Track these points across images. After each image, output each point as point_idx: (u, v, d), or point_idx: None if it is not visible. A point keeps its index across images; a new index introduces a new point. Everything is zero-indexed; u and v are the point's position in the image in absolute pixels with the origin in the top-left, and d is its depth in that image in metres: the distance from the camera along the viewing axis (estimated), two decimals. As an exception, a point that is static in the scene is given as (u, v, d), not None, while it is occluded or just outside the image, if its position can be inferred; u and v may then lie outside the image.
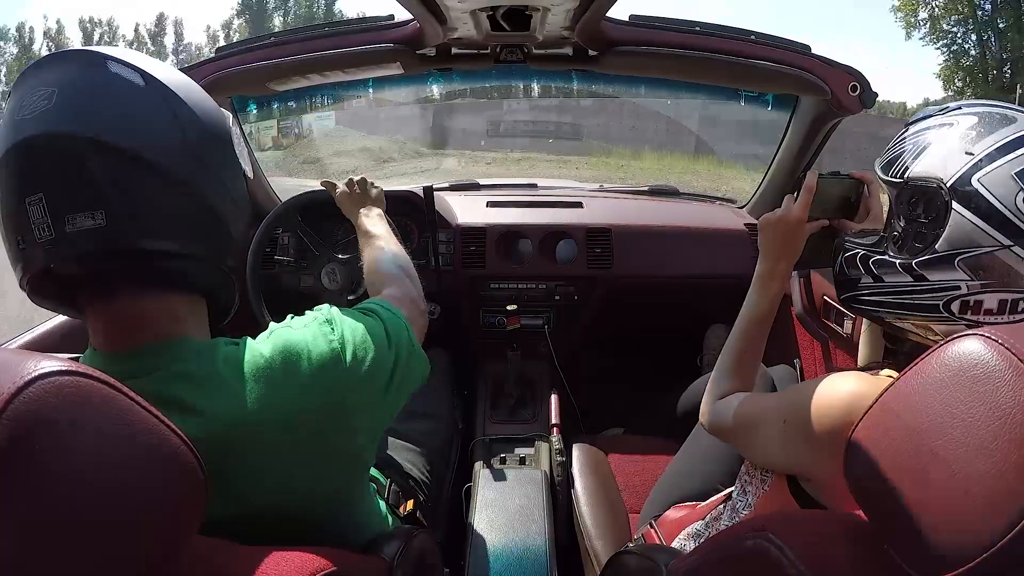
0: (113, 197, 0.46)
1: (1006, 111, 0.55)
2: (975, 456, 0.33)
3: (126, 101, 0.49)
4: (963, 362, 0.35)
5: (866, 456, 0.41)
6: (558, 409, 1.35)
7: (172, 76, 0.53)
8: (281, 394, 0.51)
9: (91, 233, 0.46)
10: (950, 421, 0.35)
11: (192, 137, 0.52)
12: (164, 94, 0.51)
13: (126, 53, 0.53)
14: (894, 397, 0.40)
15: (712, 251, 1.47)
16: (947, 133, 0.56)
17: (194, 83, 0.56)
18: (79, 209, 0.46)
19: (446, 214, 1.47)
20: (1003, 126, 0.53)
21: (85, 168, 0.46)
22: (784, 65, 1.09)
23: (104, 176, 0.46)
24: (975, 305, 0.53)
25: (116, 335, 0.51)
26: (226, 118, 0.58)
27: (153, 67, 0.52)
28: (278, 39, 1.15)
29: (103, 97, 0.48)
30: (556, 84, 2.41)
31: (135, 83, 0.50)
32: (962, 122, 0.56)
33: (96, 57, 0.50)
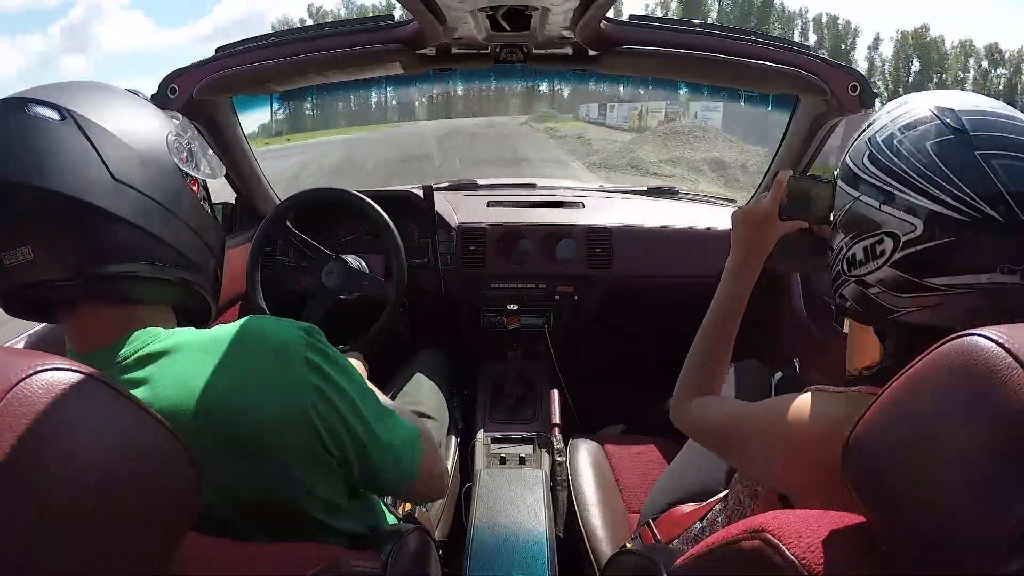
0: (37, 233, 0.51)
1: (906, 98, 0.59)
2: (977, 456, 0.33)
3: (44, 142, 0.52)
4: (963, 360, 0.35)
5: (865, 456, 0.41)
6: (558, 409, 1.35)
7: (94, 105, 0.55)
8: (234, 368, 0.53)
9: (23, 267, 0.51)
10: (951, 420, 0.35)
11: (118, 165, 0.54)
12: (82, 126, 0.53)
13: (54, 88, 0.56)
14: (893, 396, 0.40)
15: (712, 251, 1.47)
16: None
17: (127, 102, 0.59)
18: (9, 247, 0.51)
19: (446, 214, 1.47)
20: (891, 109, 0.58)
21: (11, 210, 0.51)
22: (784, 65, 1.09)
23: (29, 215, 0.51)
24: (851, 258, 0.58)
25: (86, 337, 0.56)
26: (164, 131, 0.60)
27: (74, 99, 0.55)
28: (278, 39, 1.15)
29: (22, 142, 0.51)
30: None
31: (52, 121, 0.53)
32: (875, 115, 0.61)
33: (17, 102, 0.53)
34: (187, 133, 0.64)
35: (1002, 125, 0.51)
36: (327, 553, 0.49)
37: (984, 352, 0.34)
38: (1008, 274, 0.48)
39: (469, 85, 1.75)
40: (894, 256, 0.54)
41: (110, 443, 0.35)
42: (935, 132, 0.53)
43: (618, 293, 1.48)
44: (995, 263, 0.49)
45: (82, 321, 0.56)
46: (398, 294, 1.21)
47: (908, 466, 0.37)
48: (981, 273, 0.49)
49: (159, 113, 0.62)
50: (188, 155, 0.62)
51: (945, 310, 0.52)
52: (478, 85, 2.08)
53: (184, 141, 0.62)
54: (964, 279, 0.50)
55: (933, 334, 0.49)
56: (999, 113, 0.52)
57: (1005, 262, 0.48)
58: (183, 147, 0.61)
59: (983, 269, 0.49)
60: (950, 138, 0.52)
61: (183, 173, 0.60)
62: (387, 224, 1.21)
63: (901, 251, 0.54)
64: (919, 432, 0.37)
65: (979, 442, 0.33)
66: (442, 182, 1.79)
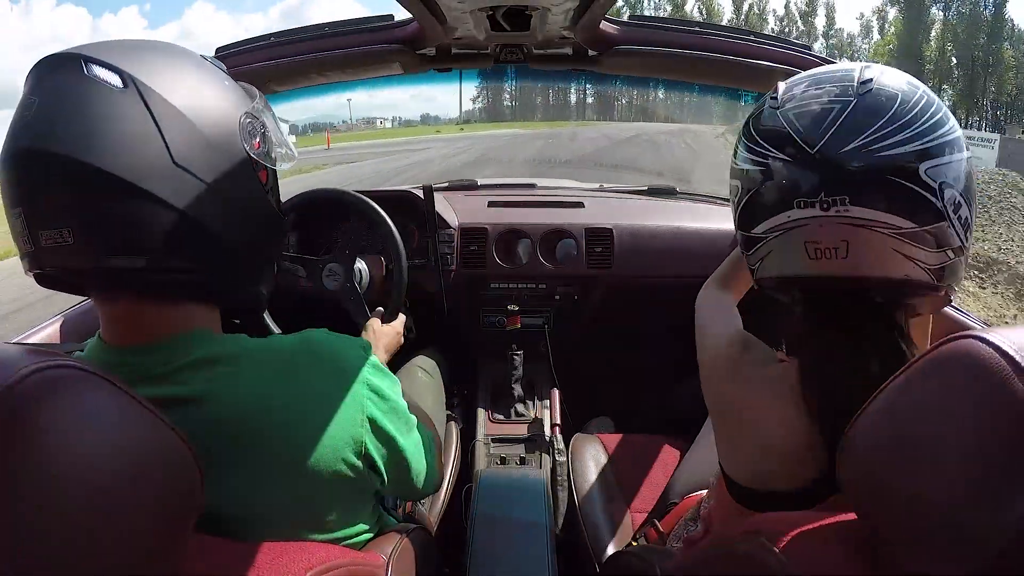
0: (79, 216, 0.46)
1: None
2: (974, 457, 0.33)
3: (99, 112, 0.46)
4: (959, 362, 0.35)
5: (861, 457, 0.41)
6: (558, 408, 1.35)
7: (161, 74, 0.49)
8: (296, 383, 0.51)
9: (59, 249, 0.46)
10: (947, 421, 0.35)
11: (180, 147, 0.48)
12: (145, 98, 0.47)
13: (118, 47, 0.49)
14: (889, 397, 0.40)
15: (712, 251, 1.47)
16: None
17: (199, 73, 0.52)
18: (48, 226, 0.46)
19: (446, 214, 1.47)
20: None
21: (54, 186, 0.45)
22: (784, 65, 1.09)
23: (72, 194, 0.46)
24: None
25: (124, 332, 0.51)
26: (237, 111, 0.53)
27: (140, 64, 0.48)
28: (278, 39, 1.15)
29: (77, 109, 0.45)
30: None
31: (113, 88, 0.46)
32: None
33: (75, 60, 0.47)
34: (262, 115, 0.57)
35: (809, 80, 0.56)
36: (329, 553, 0.49)
37: (981, 352, 0.34)
38: (807, 208, 0.51)
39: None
40: (736, 218, 0.60)
41: (112, 441, 0.35)
42: (762, 103, 0.59)
43: (618, 293, 1.48)
44: (791, 199, 0.52)
45: (121, 313, 0.51)
46: (399, 295, 1.21)
47: (903, 466, 0.37)
48: (782, 212, 0.53)
49: (234, 88, 0.55)
50: (261, 140, 0.55)
51: (772, 258, 0.56)
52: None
53: (258, 124, 0.55)
54: (773, 221, 0.54)
55: (788, 287, 0.58)
56: (814, 74, 0.57)
57: (801, 196, 0.51)
58: (256, 131, 0.55)
59: (785, 208, 0.52)
60: (764, 107, 0.58)
61: (252, 161, 0.54)
62: (387, 224, 1.21)
63: (736, 211, 0.60)
64: (915, 433, 0.37)
65: (975, 443, 0.33)
66: (442, 182, 1.80)
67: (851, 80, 0.53)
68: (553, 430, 1.29)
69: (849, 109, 0.51)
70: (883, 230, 0.49)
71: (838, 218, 0.50)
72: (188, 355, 0.50)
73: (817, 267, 0.52)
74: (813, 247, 0.52)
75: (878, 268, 0.50)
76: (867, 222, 0.49)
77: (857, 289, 0.53)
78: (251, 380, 0.50)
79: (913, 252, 0.50)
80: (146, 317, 0.51)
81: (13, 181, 0.46)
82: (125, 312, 0.51)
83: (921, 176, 0.48)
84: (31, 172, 0.46)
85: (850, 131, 0.50)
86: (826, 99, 0.52)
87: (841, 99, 0.52)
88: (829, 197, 0.50)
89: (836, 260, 0.51)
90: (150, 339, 0.50)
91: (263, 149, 0.55)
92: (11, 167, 0.46)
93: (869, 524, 0.40)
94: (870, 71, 0.54)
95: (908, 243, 0.49)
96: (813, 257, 0.52)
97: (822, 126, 0.51)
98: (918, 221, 0.49)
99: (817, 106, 0.52)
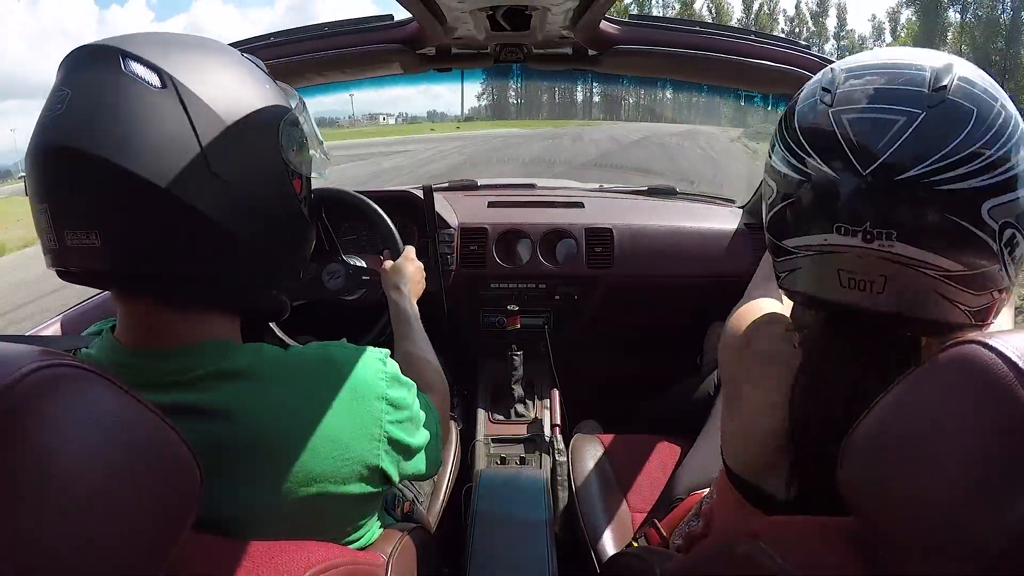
0: (110, 220, 0.44)
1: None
2: (975, 460, 0.33)
3: (136, 113, 0.44)
4: (962, 367, 0.35)
5: (861, 460, 0.41)
6: (558, 409, 1.35)
7: (201, 74, 0.47)
8: (315, 400, 0.51)
9: (87, 251, 0.45)
10: (949, 425, 0.35)
11: (218, 154, 0.46)
12: (184, 100, 0.45)
13: (158, 42, 0.47)
14: (892, 400, 0.40)
15: (712, 251, 1.47)
16: None
17: (241, 75, 0.49)
18: (77, 227, 0.44)
19: (446, 214, 1.47)
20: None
21: (84, 186, 0.44)
22: (784, 64, 1.09)
23: (103, 197, 0.44)
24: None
25: (142, 335, 0.50)
26: (278, 118, 0.51)
27: (180, 62, 0.46)
28: (277, 39, 1.15)
29: (111, 107, 0.44)
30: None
31: (150, 87, 0.44)
32: None
33: (112, 53, 0.45)
34: (302, 121, 0.55)
35: (871, 72, 0.47)
36: (328, 552, 0.49)
37: (982, 359, 0.34)
38: (846, 235, 0.45)
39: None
40: (766, 220, 0.54)
41: (113, 441, 0.35)
42: (809, 93, 0.51)
43: (618, 293, 1.48)
44: (831, 223, 0.46)
45: (141, 316, 0.50)
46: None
47: (905, 468, 0.37)
48: (819, 233, 0.47)
49: (274, 91, 0.53)
50: (298, 148, 0.53)
51: (802, 275, 0.50)
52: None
53: (298, 132, 0.53)
54: (806, 240, 0.48)
55: (814, 305, 0.52)
56: (879, 66, 0.47)
57: (843, 222, 0.45)
58: (294, 139, 0.53)
59: (823, 229, 0.46)
60: (814, 99, 0.49)
61: (288, 169, 0.52)
62: (388, 224, 1.21)
63: (767, 213, 0.53)
64: (917, 436, 0.37)
65: (977, 447, 0.33)
66: (442, 182, 1.79)
67: (922, 83, 0.44)
68: (553, 430, 1.29)
69: (915, 125, 0.43)
70: (929, 271, 0.44)
71: (880, 252, 0.44)
72: (207, 365, 0.49)
73: (847, 296, 0.47)
74: (847, 276, 0.46)
75: (917, 309, 0.45)
76: (913, 261, 0.44)
77: (887, 323, 0.48)
78: (270, 397, 0.49)
79: (956, 295, 0.45)
80: (166, 322, 0.50)
81: (41, 176, 0.45)
82: (145, 315, 0.50)
83: (983, 216, 0.42)
84: (61, 170, 0.44)
85: (912, 156, 0.42)
86: (890, 106, 0.44)
87: (907, 109, 0.43)
88: (875, 229, 0.44)
89: (871, 294, 0.46)
90: (168, 344, 0.49)
91: (301, 158, 0.53)
92: (40, 162, 0.45)
93: (869, 526, 0.40)
94: (944, 70, 0.45)
95: (953, 286, 0.44)
96: (845, 286, 0.47)
97: (880, 143, 0.43)
98: (968, 264, 0.43)
99: (878, 114, 0.44)
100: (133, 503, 0.36)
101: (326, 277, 1.24)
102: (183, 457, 0.39)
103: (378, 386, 0.55)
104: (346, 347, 0.56)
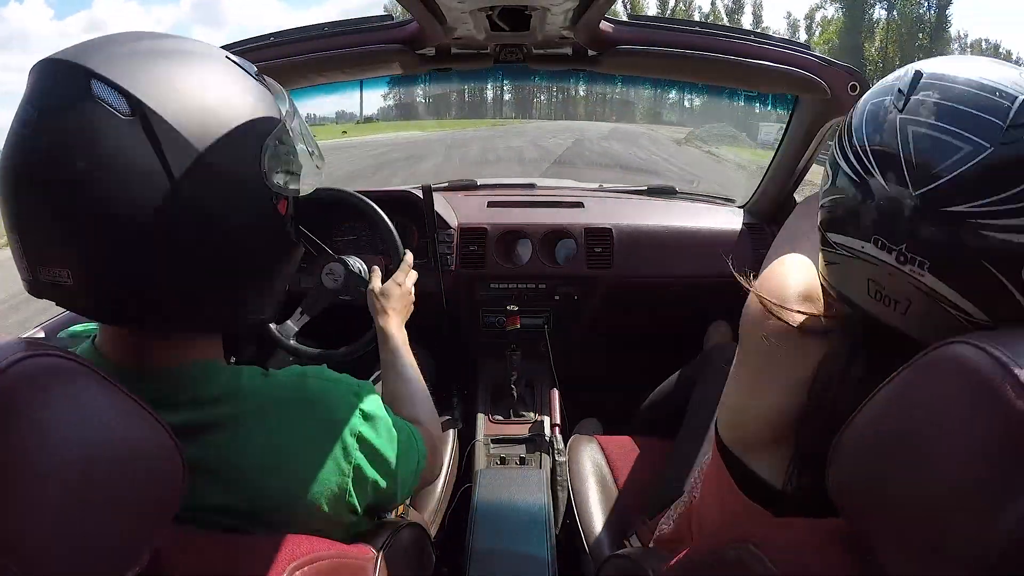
0: (79, 257, 0.43)
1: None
2: (965, 462, 0.33)
3: (102, 143, 0.41)
4: (950, 367, 0.35)
5: (852, 460, 0.41)
6: (558, 409, 1.35)
7: (175, 93, 0.44)
8: (287, 430, 0.52)
9: (59, 288, 0.44)
10: (938, 426, 0.35)
11: (189, 186, 0.43)
12: (153, 128, 0.42)
13: (129, 53, 0.44)
14: (880, 402, 0.40)
15: (712, 251, 1.47)
16: None
17: (219, 89, 0.46)
18: (46, 263, 0.43)
19: (446, 214, 1.47)
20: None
21: (52, 220, 0.42)
22: (784, 64, 1.09)
23: (69, 233, 0.42)
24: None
25: (123, 354, 0.49)
26: (260, 138, 0.48)
27: (153, 81, 0.43)
28: (277, 39, 1.15)
29: (77, 135, 0.41)
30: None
31: (116, 114, 0.41)
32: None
33: (81, 73, 0.42)
34: (289, 138, 0.52)
35: (956, 88, 0.44)
36: (314, 545, 0.48)
37: (971, 358, 0.34)
38: (882, 249, 0.45)
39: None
40: (820, 203, 0.53)
41: (94, 430, 0.36)
42: (885, 89, 0.49)
43: (618, 293, 1.48)
44: (870, 234, 0.45)
45: (121, 336, 0.49)
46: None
47: (895, 470, 0.37)
48: (858, 239, 0.47)
49: (262, 102, 0.49)
50: (284, 169, 0.50)
51: (837, 272, 0.51)
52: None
53: (284, 150, 0.50)
54: (847, 240, 0.48)
55: (844, 301, 0.52)
56: (965, 80, 0.44)
57: (881, 235, 0.45)
58: (280, 160, 0.50)
59: (863, 236, 0.46)
60: (888, 98, 0.47)
61: (272, 193, 0.49)
62: (387, 225, 1.21)
63: (821, 198, 0.52)
64: (905, 437, 0.37)
65: (969, 449, 0.33)
66: (442, 182, 1.79)
67: (1003, 115, 0.41)
68: (553, 430, 1.29)
69: (979, 158, 0.40)
70: (952, 310, 0.43)
71: (910, 277, 0.44)
72: (189, 390, 0.49)
73: (873, 306, 0.48)
74: (875, 288, 0.47)
75: (934, 336, 0.42)
76: (939, 296, 0.43)
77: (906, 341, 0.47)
78: (241, 425, 0.50)
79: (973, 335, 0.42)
80: (147, 347, 0.49)
81: (12, 204, 0.43)
82: (127, 337, 0.49)
83: (1022, 274, 0.40)
84: (28, 201, 0.43)
85: (966, 189, 0.40)
86: (959, 131, 0.41)
87: (976, 140, 0.41)
88: (909, 253, 0.43)
89: (894, 312, 0.46)
90: (150, 365, 0.49)
91: (287, 178, 0.51)
92: (10, 189, 0.43)
93: (859, 529, 0.40)
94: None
95: (973, 328, 0.43)
96: (872, 296, 0.47)
97: (938, 167, 0.41)
98: (993, 315, 0.42)
99: (945, 135, 0.42)
100: (116, 492, 0.36)
101: (325, 277, 1.24)
102: (167, 448, 0.40)
103: (351, 422, 0.55)
104: (323, 378, 0.56)
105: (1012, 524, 0.30)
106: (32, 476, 0.32)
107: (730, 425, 0.63)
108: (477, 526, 0.98)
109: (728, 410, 0.64)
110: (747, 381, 0.60)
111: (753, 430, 0.58)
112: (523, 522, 0.99)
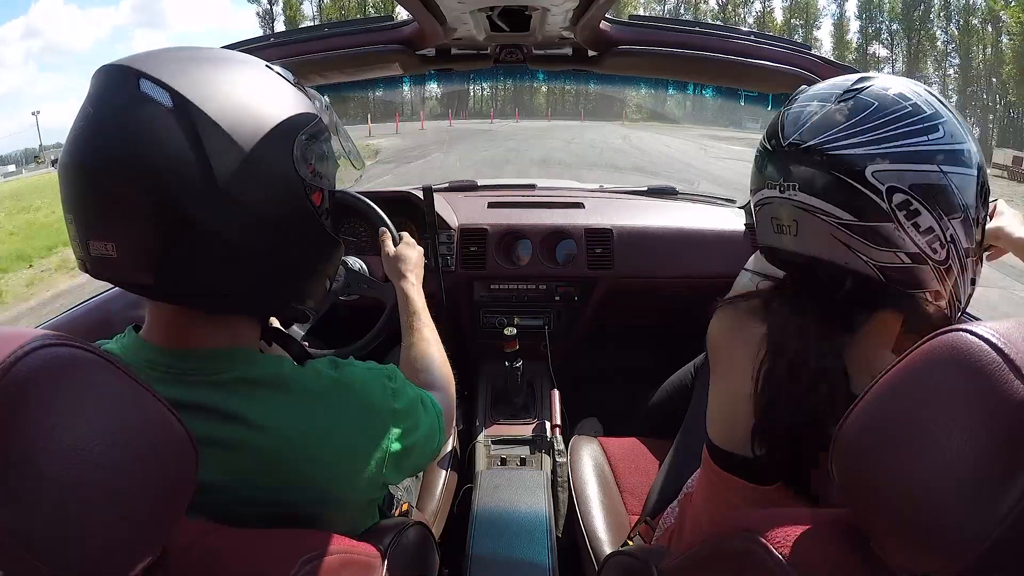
0: (121, 233, 0.47)
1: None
2: (964, 449, 0.33)
3: (145, 133, 0.46)
4: (949, 355, 0.35)
5: (853, 448, 0.41)
6: (558, 409, 1.35)
7: (215, 91, 0.48)
8: (328, 417, 0.54)
9: (106, 261, 0.48)
10: (937, 414, 0.35)
11: (227, 173, 0.47)
12: (193, 120, 0.46)
13: (175, 58, 0.49)
14: (880, 390, 0.40)
15: (712, 251, 1.47)
16: None
17: (257, 90, 0.51)
18: (96, 237, 0.47)
19: (446, 215, 1.47)
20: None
21: (99, 201, 0.47)
22: (784, 64, 1.09)
23: (113, 212, 0.47)
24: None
25: (169, 336, 0.53)
26: (294, 133, 0.51)
27: (195, 79, 0.48)
28: (277, 39, 1.15)
29: (126, 126, 0.46)
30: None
31: (161, 106, 0.46)
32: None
33: (129, 73, 0.47)
34: (322, 134, 0.55)
35: (819, 85, 0.61)
36: (322, 540, 0.48)
37: (968, 347, 0.34)
38: (772, 189, 0.60)
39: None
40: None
41: (111, 421, 0.36)
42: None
43: (618, 293, 1.48)
44: (764, 181, 0.61)
45: (168, 317, 0.52)
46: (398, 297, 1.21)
47: (893, 458, 0.37)
48: (760, 190, 0.62)
49: (298, 103, 0.53)
50: (317, 163, 0.54)
51: (759, 229, 0.65)
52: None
53: (315, 147, 0.54)
54: (756, 196, 0.64)
55: (770, 257, 0.66)
56: (828, 82, 0.61)
57: (769, 179, 0.60)
58: (312, 155, 0.53)
59: (761, 186, 0.62)
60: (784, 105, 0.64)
61: (305, 184, 0.52)
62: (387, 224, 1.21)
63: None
64: (904, 425, 0.37)
65: (965, 435, 0.33)
66: (442, 183, 1.79)
67: (843, 86, 0.58)
68: (553, 431, 1.29)
69: (823, 112, 0.57)
70: (825, 217, 0.56)
71: (790, 201, 0.58)
72: (234, 370, 0.52)
73: (779, 241, 0.61)
74: (776, 223, 0.61)
75: (824, 251, 0.57)
76: (811, 208, 0.56)
77: (820, 281, 0.59)
78: (293, 412, 0.53)
79: (856, 245, 0.55)
80: (195, 325, 0.52)
81: (67, 189, 0.48)
82: (172, 317, 0.52)
83: (867, 177, 0.53)
84: (79, 185, 0.47)
85: (815, 130, 0.56)
86: (814, 102, 0.59)
87: (823, 102, 0.58)
88: (786, 183, 0.58)
89: (790, 236, 0.59)
90: (197, 346, 0.52)
91: (318, 172, 0.54)
92: (65, 176, 0.48)
93: (861, 517, 0.40)
94: (869, 80, 0.58)
95: (850, 235, 0.55)
96: (776, 231, 0.61)
97: (796, 124, 0.58)
98: (859, 216, 0.54)
99: (803, 107, 0.59)
100: (131, 482, 0.36)
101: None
102: (181, 440, 0.40)
103: (386, 403, 0.59)
104: (354, 365, 0.59)
105: (1009, 511, 0.30)
106: (44, 465, 0.32)
107: (719, 430, 0.67)
108: (477, 527, 0.98)
109: (713, 416, 0.69)
110: (721, 386, 0.68)
111: (737, 423, 0.62)
112: (524, 526, 0.99)
